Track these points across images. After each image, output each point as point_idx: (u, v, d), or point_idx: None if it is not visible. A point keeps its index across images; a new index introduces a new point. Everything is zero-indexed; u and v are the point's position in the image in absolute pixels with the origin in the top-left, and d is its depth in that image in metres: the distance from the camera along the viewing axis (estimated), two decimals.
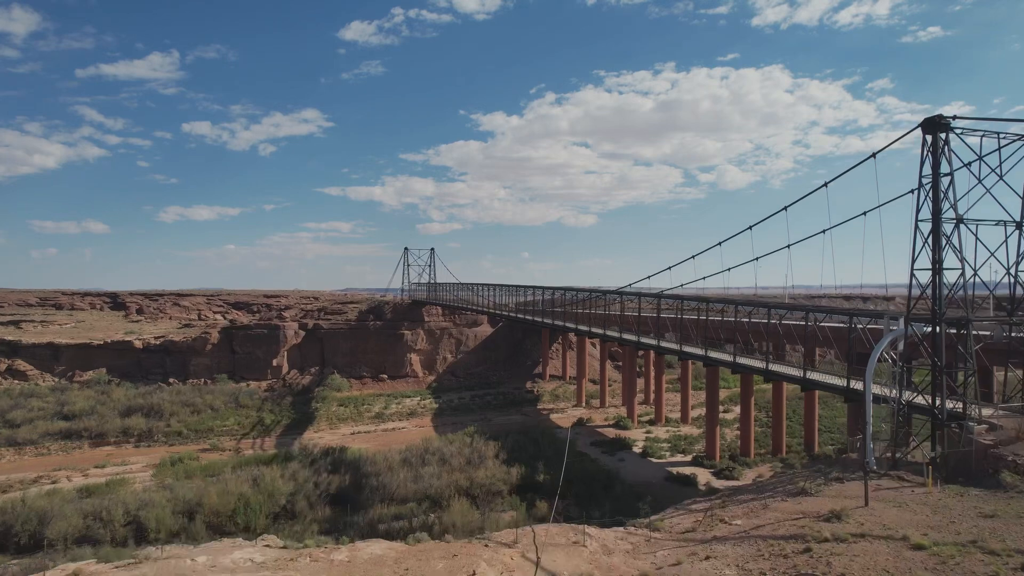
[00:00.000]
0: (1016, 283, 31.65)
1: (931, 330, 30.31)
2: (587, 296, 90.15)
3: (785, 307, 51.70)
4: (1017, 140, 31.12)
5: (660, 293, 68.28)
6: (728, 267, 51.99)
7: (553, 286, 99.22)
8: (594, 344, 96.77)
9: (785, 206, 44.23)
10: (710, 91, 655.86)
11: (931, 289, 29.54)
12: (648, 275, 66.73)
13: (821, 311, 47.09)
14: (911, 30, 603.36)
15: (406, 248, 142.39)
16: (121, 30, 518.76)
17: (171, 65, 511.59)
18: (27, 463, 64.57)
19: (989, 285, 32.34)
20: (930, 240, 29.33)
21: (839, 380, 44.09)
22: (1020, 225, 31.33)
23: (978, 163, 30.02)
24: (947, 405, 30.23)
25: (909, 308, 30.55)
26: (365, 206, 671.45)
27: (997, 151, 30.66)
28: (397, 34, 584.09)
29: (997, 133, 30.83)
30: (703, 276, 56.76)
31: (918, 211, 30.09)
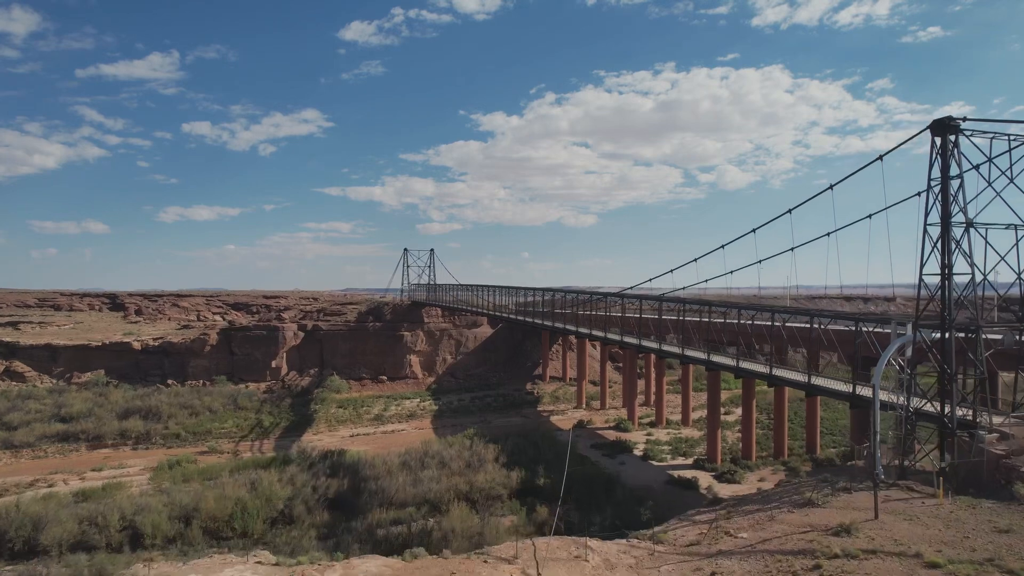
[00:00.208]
0: None
1: (940, 336, 29.65)
2: (588, 298, 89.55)
3: (789, 311, 51.12)
4: None
5: (662, 296, 67.71)
6: (731, 270, 51.60)
7: (553, 287, 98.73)
8: (594, 345, 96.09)
9: (790, 209, 43.68)
10: (710, 91, 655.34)
11: (940, 294, 28.85)
12: (650, 278, 66.20)
13: (826, 316, 46.40)
14: (911, 30, 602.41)
15: (405, 249, 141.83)
16: (121, 30, 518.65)
17: (171, 65, 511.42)
18: (23, 466, 64.01)
19: (999, 290, 31.57)
20: (939, 245, 28.63)
21: (844, 386, 43.16)
22: None
23: (988, 165, 29.27)
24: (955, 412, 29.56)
25: (918, 314, 29.87)
26: (365, 206, 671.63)
27: (1008, 153, 29.90)
28: (397, 34, 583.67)
29: (1008, 135, 30.09)
30: (705, 279, 56.43)
31: (927, 215, 29.43)
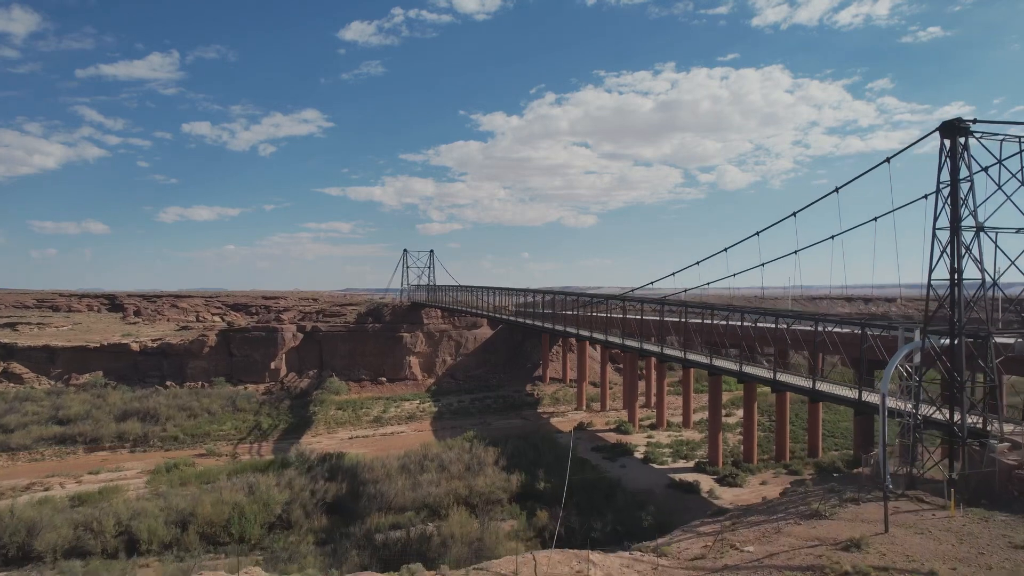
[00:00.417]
0: None
1: (950, 342, 29.10)
2: (588, 301, 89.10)
3: (793, 315, 50.69)
4: None
5: (663, 299, 67.29)
6: (734, 272, 51.18)
7: (553, 287, 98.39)
8: (595, 347, 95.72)
9: (794, 212, 43.22)
10: (710, 91, 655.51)
11: (950, 300, 28.38)
12: (651, 281, 65.87)
13: (831, 321, 45.89)
14: (911, 30, 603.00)
15: (405, 250, 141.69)
16: (121, 30, 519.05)
17: (171, 65, 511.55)
18: (20, 469, 63.55)
19: (1009, 295, 31.00)
20: (948, 249, 28.13)
21: (850, 392, 42.61)
22: None
23: (997, 168, 28.75)
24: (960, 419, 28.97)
25: (926, 319, 29.41)
26: (365, 206, 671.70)
27: (1019, 154, 29.28)
28: (397, 34, 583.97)
29: (1019, 137, 29.55)
30: (707, 282, 56.06)
31: (935, 219, 28.91)
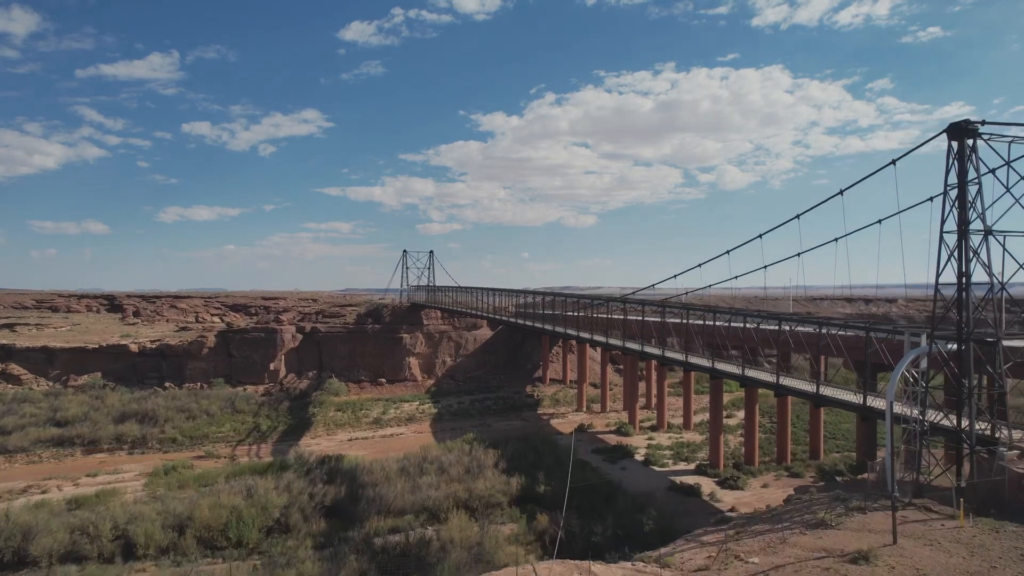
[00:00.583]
0: None
1: (957, 347, 28.62)
2: (589, 303, 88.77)
3: (796, 319, 50.34)
4: None
5: (664, 302, 67.00)
6: (736, 275, 50.91)
7: (553, 287, 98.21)
8: (595, 348, 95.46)
9: (798, 215, 42.82)
10: (710, 91, 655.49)
11: (957, 304, 27.91)
12: (653, 283, 65.61)
13: (834, 326, 45.48)
14: (911, 30, 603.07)
15: (405, 250, 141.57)
16: (121, 30, 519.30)
17: (171, 65, 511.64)
18: (17, 472, 63.22)
19: (1012, 296, 30.56)
20: (956, 253, 27.69)
21: (854, 396, 42.07)
22: None
23: (1006, 170, 28.31)
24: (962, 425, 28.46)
25: (933, 324, 29.03)
26: (365, 206, 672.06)
27: None
28: (397, 34, 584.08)
29: None
30: (709, 284, 55.70)
31: (943, 222, 28.50)
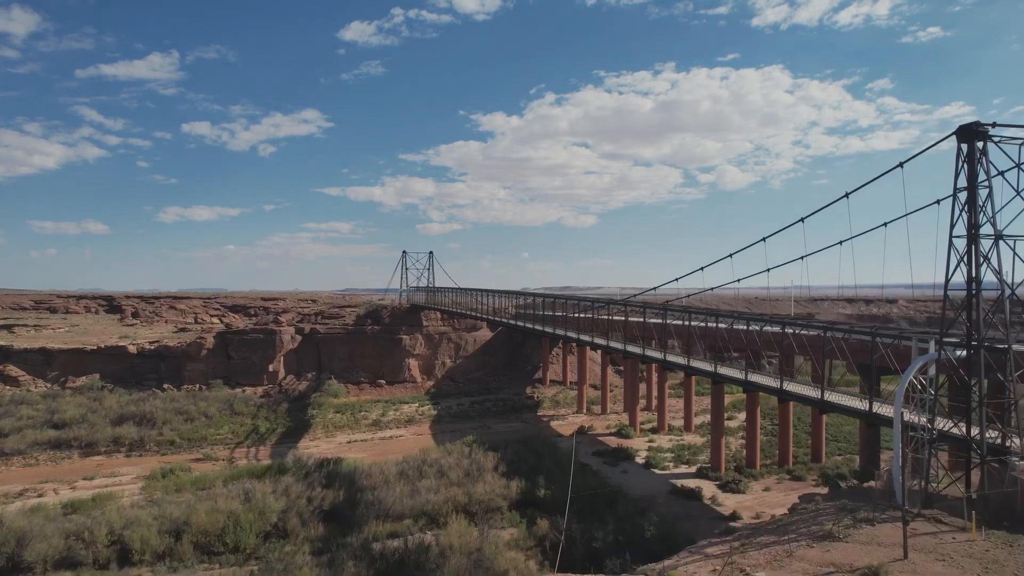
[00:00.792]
0: None
1: (967, 353, 28.06)
2: (589, 305, 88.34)
3: (799, 323, 49.88)
4: None
5: (665, 304, 66.63)
6: (739, 278, 50.51)
7: (553, 287, 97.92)
8: (595, 350, 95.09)
9: (802, 218, 42.35)
10: (710, 91, 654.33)
11: (967, 310, 27.35)
12: (655, 286, 65.20)
13: (839, 330, 44.98)
14: (911, 30, 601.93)
15: (404, 251, 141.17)
16: (121, 30, 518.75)
17: (171, 65, 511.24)
18: (14, 474, 62.80)
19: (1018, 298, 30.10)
20: (965, 258, 27.10)
21: (859, 402, 41.41)
22: None
23: (1016, 172, 27.79)
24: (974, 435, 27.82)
25: (943, 331, 28.54)
26: (365, 206, 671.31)
27: None
28: (397, 34, 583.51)
29: None
30: (711, 287, 55.29)
31: (952, 226, 27.93)
